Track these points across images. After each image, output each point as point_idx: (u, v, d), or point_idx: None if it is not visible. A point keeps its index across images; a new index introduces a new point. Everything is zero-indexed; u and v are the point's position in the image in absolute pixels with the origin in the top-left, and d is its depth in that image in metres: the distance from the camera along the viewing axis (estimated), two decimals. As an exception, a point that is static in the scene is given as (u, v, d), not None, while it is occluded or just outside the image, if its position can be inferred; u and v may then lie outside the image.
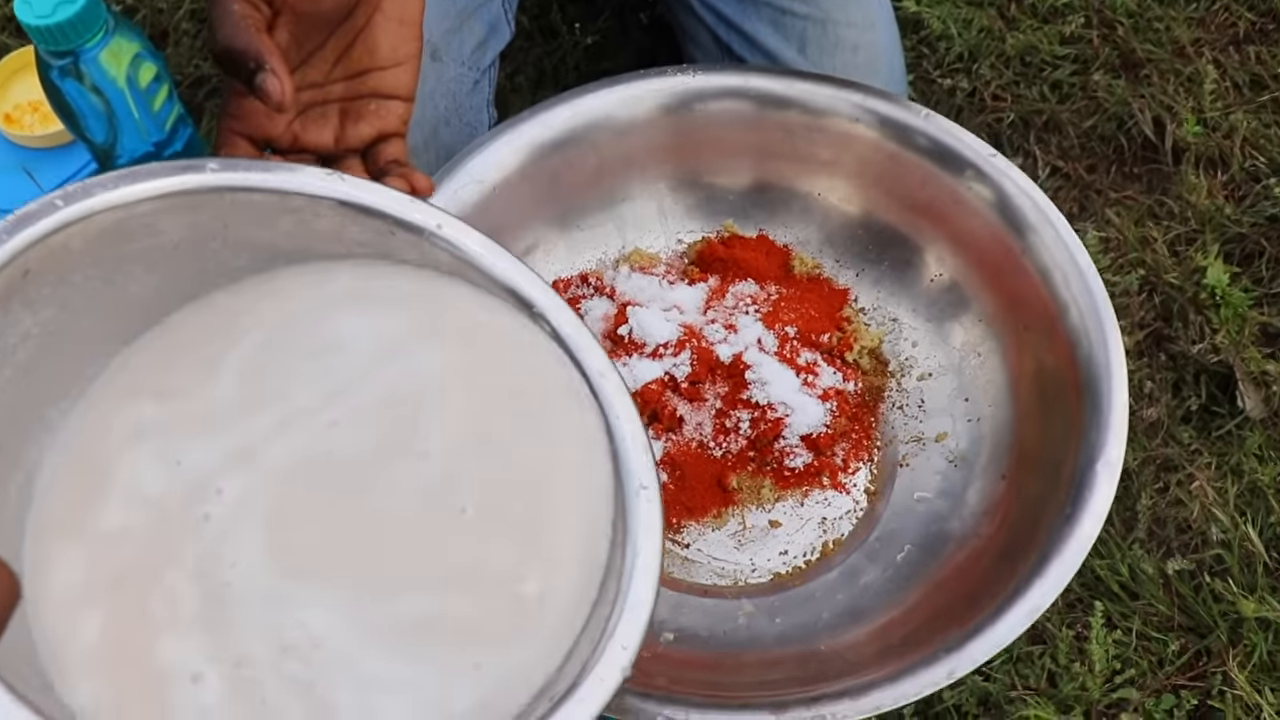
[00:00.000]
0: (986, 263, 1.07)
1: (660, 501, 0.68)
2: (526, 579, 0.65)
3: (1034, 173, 1.47)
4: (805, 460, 1.05)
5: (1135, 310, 1.38)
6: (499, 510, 0.67)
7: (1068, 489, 0.94)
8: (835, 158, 1.11)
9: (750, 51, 1.27)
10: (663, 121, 1.11)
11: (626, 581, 0.65)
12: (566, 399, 0.70)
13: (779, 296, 1.10)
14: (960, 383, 1.08)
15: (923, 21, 1.54)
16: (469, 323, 0.71)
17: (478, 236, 0.70)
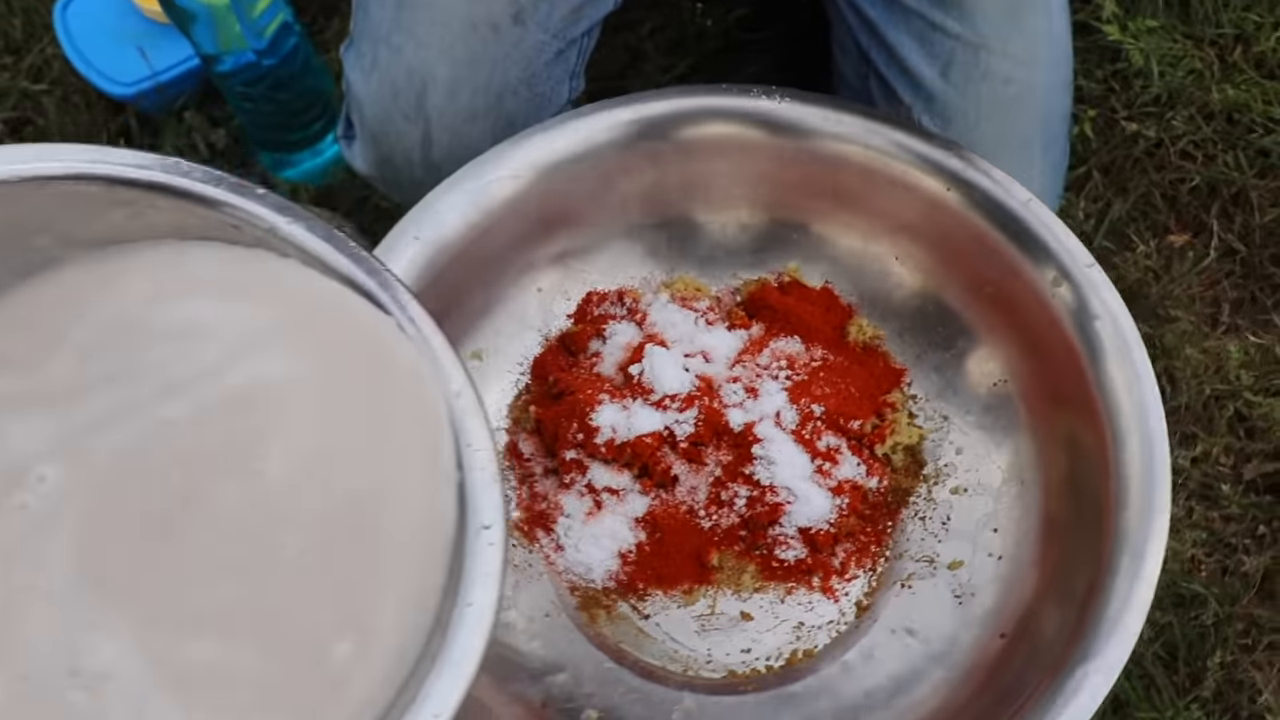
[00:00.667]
0: (1051, 383, 0.93)
1: (504, 545, 0.60)
2: (340, 639, 0.58)
3: (1204, 250, 1.29)
4: (798, 555, 0.94)
5: (1272, 430, 1.20)
6: (324, 554, 0.60)
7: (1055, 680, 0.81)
8: (919, 222, 0.98)
9: (889, 66, 1.13)
10: (760, 143, 0.99)
11: (450, 636, 0.58)
12: (421, 424, 0.62)
13: (820, 365, 0.98)
14: (995, 509, 0.96)
15: (1122, 53, 1.35)
16: (336, 328, 0.64)
17: (327, 237, 0.62)
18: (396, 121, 1.04)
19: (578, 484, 0.96)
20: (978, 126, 1.09)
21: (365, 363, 0.63)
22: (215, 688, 0.57)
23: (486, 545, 0.59)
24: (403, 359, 0.63)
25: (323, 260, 0.63)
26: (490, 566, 0.59)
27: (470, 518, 0.60)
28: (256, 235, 0.62)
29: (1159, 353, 1.26)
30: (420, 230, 0.94)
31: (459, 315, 0.98)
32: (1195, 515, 1.21)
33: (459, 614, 0.58)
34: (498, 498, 0.61)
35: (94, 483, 0.59)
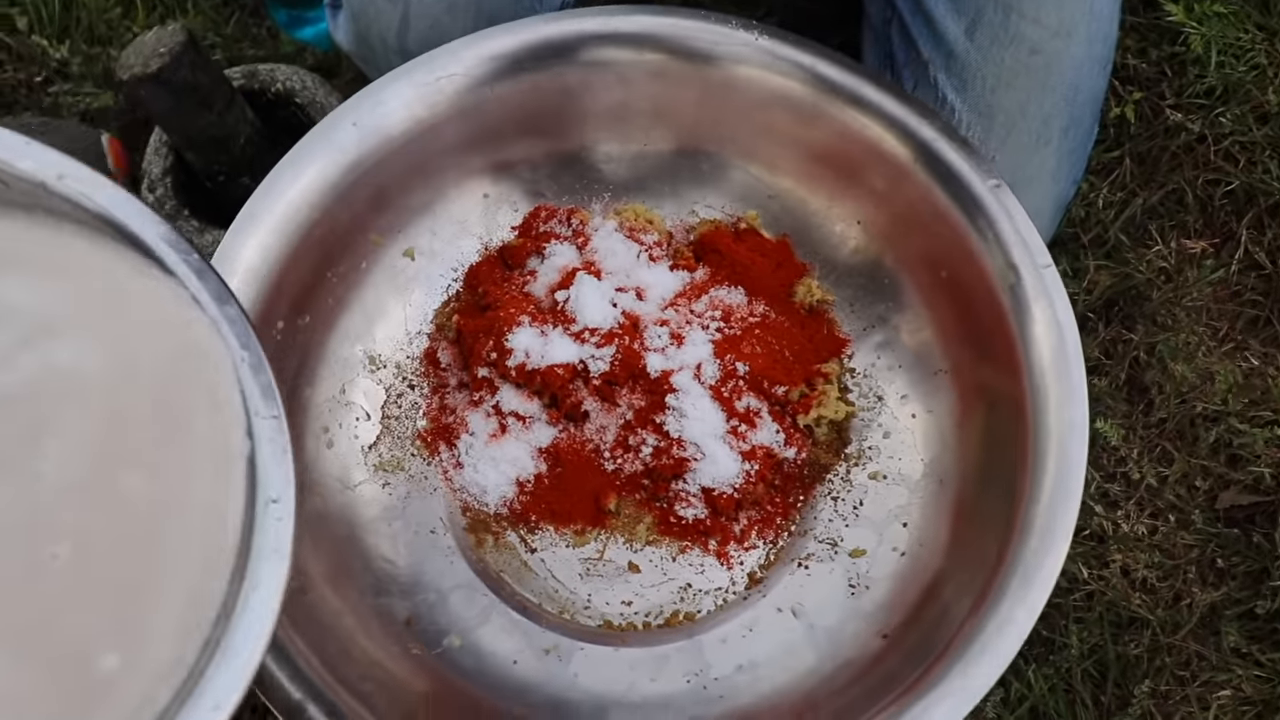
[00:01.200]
0: (989, 384, 0.87)
1: (294, 520, 0.57)
2: (108, 650, 0.55)
3: (1227, 261, 1.21)
4: (698, 514, 0.91)
5: (1253, 462, 1.13)
6: (97, 563, 0.56)
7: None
8: (885, 189, 0.92)
9: (914, 14, 1.06)
10: (738, 82, 0.94)
11: (233, 623, 0.55)
12: (208, 408, 0.59)
13: (758, 321, 0.93)
14: (909, 503, 0.91)
15: (1182, 36, 1.26)
16: (125, 305, 0.59)
17: (109, 190, 0.58)
18: (377, 1, 0.99)
19: (486, 403, 0.93)
20: (995, 93, 1.02)
21: (154, 342, 0.59)
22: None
23: (275, 520, 0.57)
24: (191, 334, 0.59)
25: (100, 219, 0.58)
26: (279, 542, 0.56)
27: (260, 490, 0.57)
28: (27, 192, 0.58)
29: (1151, 360, 1.19)
30: (359, 117, 0.90)
31: (396, 209, 0.95)
32: (1157, 535, 1.15)
33: (244, 598, 0.55)
34: (287, 469, 0.58)
35: None
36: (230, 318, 0.58)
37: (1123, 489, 1.15)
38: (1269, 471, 1.13)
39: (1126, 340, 1.19)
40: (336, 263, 0.92)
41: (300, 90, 1.21)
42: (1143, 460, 1.16)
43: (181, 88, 1.04)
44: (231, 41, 1.32)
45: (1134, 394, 1.19)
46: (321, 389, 0.92)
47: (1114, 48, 1.05)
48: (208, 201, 1.21)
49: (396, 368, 0.95)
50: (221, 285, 0.59)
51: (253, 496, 0.57)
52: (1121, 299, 1.20)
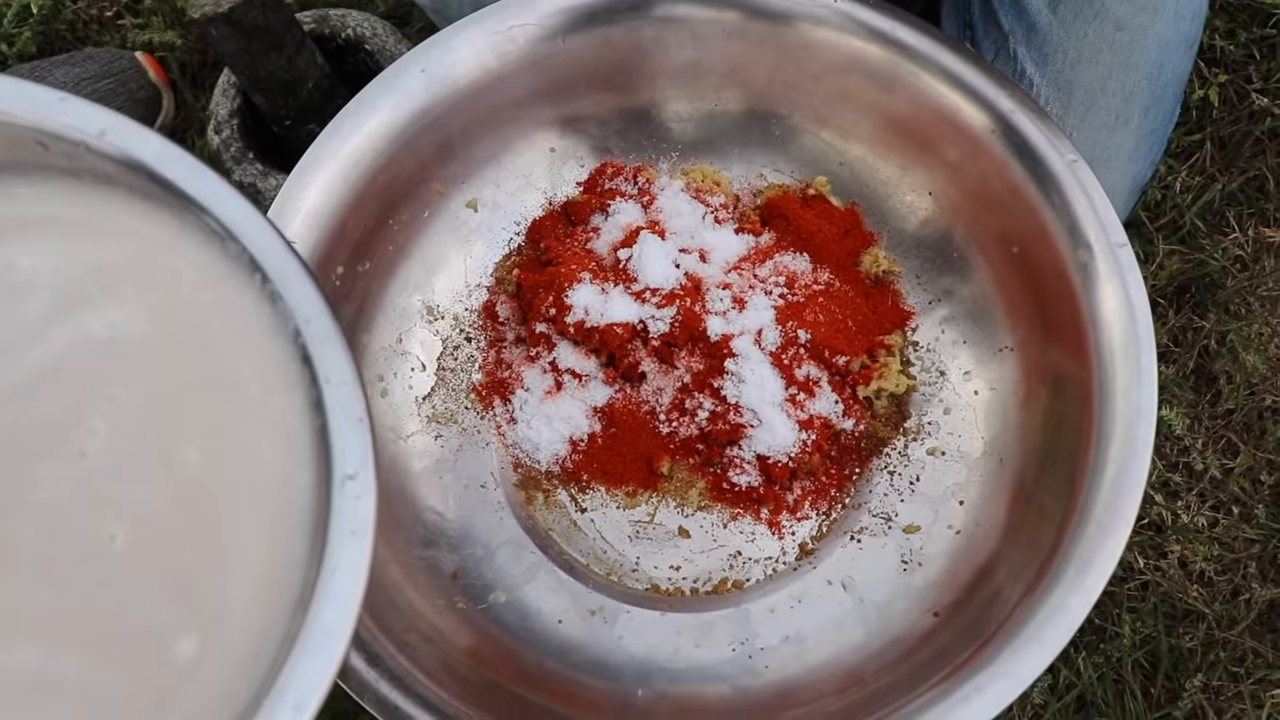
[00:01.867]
0: (1055, 362, 0.85)
1: (374, 495, 0.52)
2: (181, 636, 0.51)
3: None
4: (751, 481, 0.89)
5: None
6: (158, 543, 0.53)
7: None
8: (959, 160, 0.90)
9: (996, -19, 1.03)
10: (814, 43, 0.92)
11: (313, 613, 0.50)
12: (268, 386, 0.55)
13: (823, 290, 0.92)
14: (967, 481, 0.89)
15: (1274, 19, 1.22)
16: (167, 270, 0.56)
17: (155, 145, 0.54)
18: None
19: (542, 359, 0.92)
20: (1076, 68, 0.99)
21: (199, 309, 0.55)
22: (34, 700, 0.50)
23: (353, 499, 0.51)
24: (249, 311, 0.55)
25: (149, 178, 0.54)
26: (358, 523, 0.51)
27: (335, 466, 0.52)
28: (67, 152, 0.54)
29: (1221, 349, 1.16)
30: (428, 64, 0.89)
31: (461, 159, 0.94)
32: (1218, 528, 1.12)
33: (323, 583, 0.50)
34: (365, 440, 0.52)
35: None
36: (295, 281, 0.54)
37: (1185, 479, 1.13)
38: (1338, 468, 1.11)
39: (1197, 328, 1.17)
40: (399, 210, 0.91)
41: (370, 37, 1.20)
42: (1207, 451, 1.13)
43: (252, 29, 1.04)
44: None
45: (1201, 383, 1.16)
46: (378, 337, 0.91)
47: (1202, 27, 1.02)
48: (274, 145, 1.20)
49: (454, 319, 0.94)
50: (285, 245, 0.55)
51: (328, 472, 0.52)
52: (1194, 285, 1.18)
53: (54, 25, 1.29)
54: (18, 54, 1.27)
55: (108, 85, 1.24)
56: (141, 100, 1.25)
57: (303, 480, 0.54)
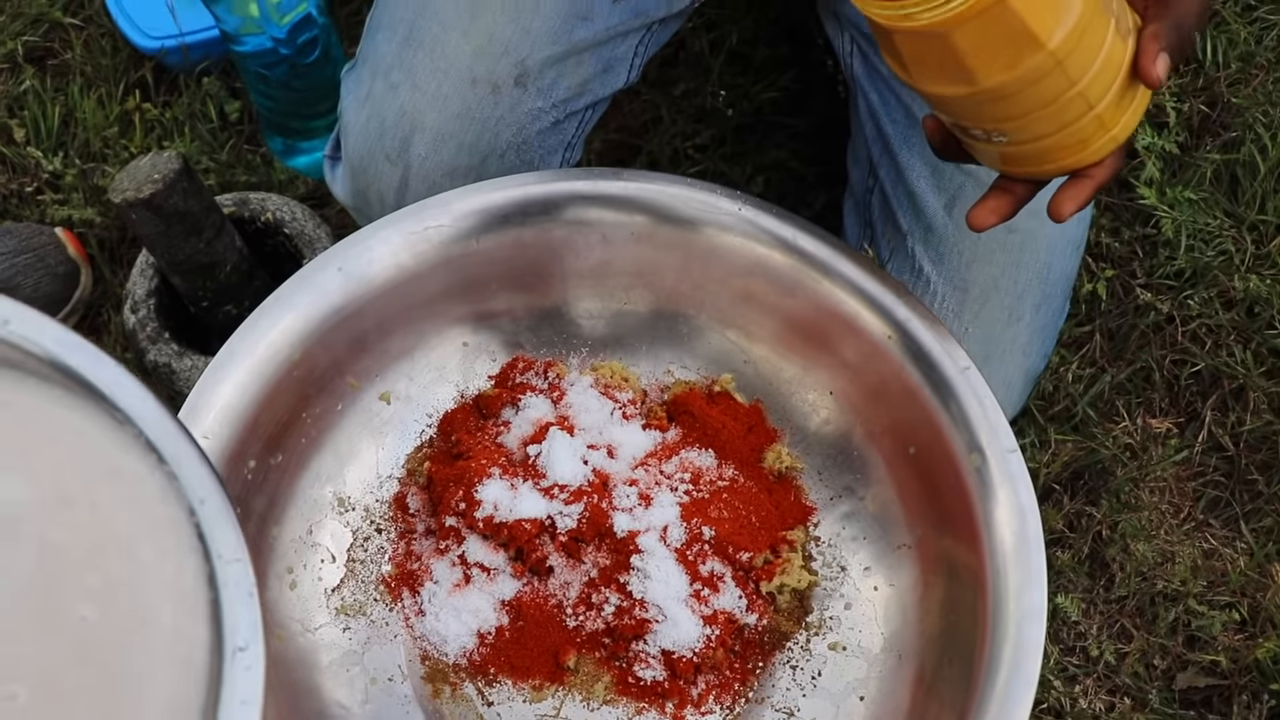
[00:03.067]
0: (951, 561, 0.88)
1: (263, 667, 0.54)
2: None
3: (1191, 442, 1.22)
4: (657, 676, 0.90)
5: (1211, 644, 1.14)
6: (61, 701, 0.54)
7: None
8: (859, 363, 0.93)
9: (895, 186, 1.08)
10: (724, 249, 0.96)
11: None
12: (160, 547, 0.56)
13: (726, 485, 0.94)
14: (867, 676, 0.91)
15: (1154, 219, 1.29)
16: (56, 446, 0.58)
17: (55, 334, 0.56)
18: (378, 160, 1.01)
19: (452, 552, 0.93)
20: (970, 268, 1.04)
21: (97, 485, 0.57)
22: None
23: (243, 669, 0.53)
24: (141, 479, 0.57)
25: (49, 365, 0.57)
26: (248, 693, 0.53)
27: (226, 638, 0.54)
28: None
29: (1114, 536, 1.20)
30: (345, 262, 0.91)
31: (376, 354, 0.96)
32: (1114, 713, 1.15)
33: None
34: (254, 615, 0.55)
35: None
36: (189, 463, 0.56)
37: (1081, 664, 1.16)
38: (1225, 655, 1.14)
39: (1089, 515, 1.21)
40: (312, 404, 0.92)
41: (290, 221, 1.23)
42: (1102, 636, 1.16)
43: (172, 214, 1.06)
44: (225, 167, 1.34)
45: (1095, 569, 1.20)
46: (289, 529, 0.92)
47: (1088, 228, 1.07)
48: (190, 324, 1.22)
49: (365, 511, 0.96)
50: (181, 430, 0.57)
51: (219, 644, 0.54)
52: (1087, 472, 1.22)
53: (-28, 201, 1.30)
54: (-65, 230, 1.28)
55: (26, 259, 1.25)
56: (60, 275, 1.26)
57: (199, 634, 0.55)
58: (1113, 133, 0.74)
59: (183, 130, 1.36)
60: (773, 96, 1.37)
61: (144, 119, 1.36)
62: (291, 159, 1.38)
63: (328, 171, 1.13)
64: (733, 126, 1.36)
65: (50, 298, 1.25)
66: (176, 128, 1.36)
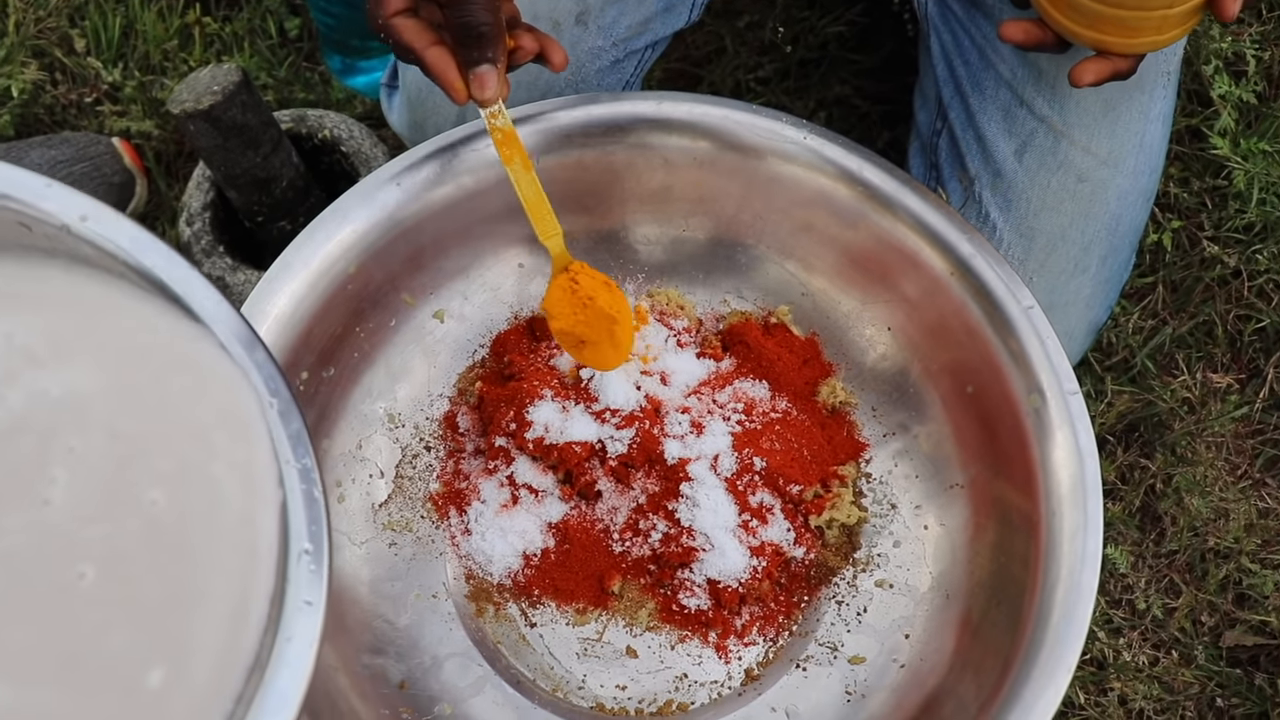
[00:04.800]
0: (1005, 503, 0.87)
1: (328, 571, 0.55)
2: (151, 666, 0.52)
3: (1252, 398, 1.20)
4: (701, 605, 0.90)
5: (1262, 603, 1.12)
6: (128, 578, 0.54)
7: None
8: (919, 299, 0.92)
9: (965, 129, 1.06)
10: (788, 179, 0.94)
11: (269, 677, 0.52)
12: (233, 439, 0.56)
13: (779, 418, 0.93)
14: (913, 615, 0.90)
15: (1226, 170, 1.26)
16: (133, 339, 0.58)
17: (131, 232, 0.56)
18: (436, 93, 1.00)
19: (500, 473, 0.93)
20: (1038, 216, 1.02)
21: (166, 375, 0.57)
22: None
23: (308, 571, 0.54)
24: (212, 371, 0.57)
25: (123, 263, 0.57)
26: (313, 594, 0.54)
27: (291, 540, 0.54)
28: (50, 235, 0.56)
29: (1167, 490, 1.18)
30: (404, 178, 0.91)
31: (431, 271, 0.95)
32: (1158, 667, 1.14)
33: (279, 649, 0.52)
34: (320, 518, 0.55)
35: None
36: (258, 363, 0.57)
37: (1127, 617, 1.14)
38: (1276, 615, 1.12)
39: (1143, 467, 1.19)
40: (366, 319, 0.92)
41: (347, 139, 1.22)
42: (1150, 590, 1.15)
43: (230, 127, 1.05)
44: (284, 84, 1.33)
45: (1146, 522, 1.18)
46: (338, 443, 0.92)
47: (1159, 181, 1.05)
48: (244, 240, 1.21)
49: (415, 428, 0.95)
50: (249, 331, 0.57)
51: (284, 546, 0.55)
52: (1143, 425, 1.20)
53: (33, 109, 1.30)
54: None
55: (82, 168, 1.25)
56: (115, 185, 1.26)
57: (268, 523, 0.55)
58: (1158, 39, 0.83)
59: (242, 45, 1.35)
60: (838, 31, 1.34)
61: (204, 33, 1.36)
62: (349, 78, 1.37)
63: (384, 100, 1.11)
64: (796, 61, 1.34)
65: (106, 208, 1.25)
66: (236, 43, 1.35)
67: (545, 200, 0.83)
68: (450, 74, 0.78)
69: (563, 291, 0.86)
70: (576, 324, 0.86)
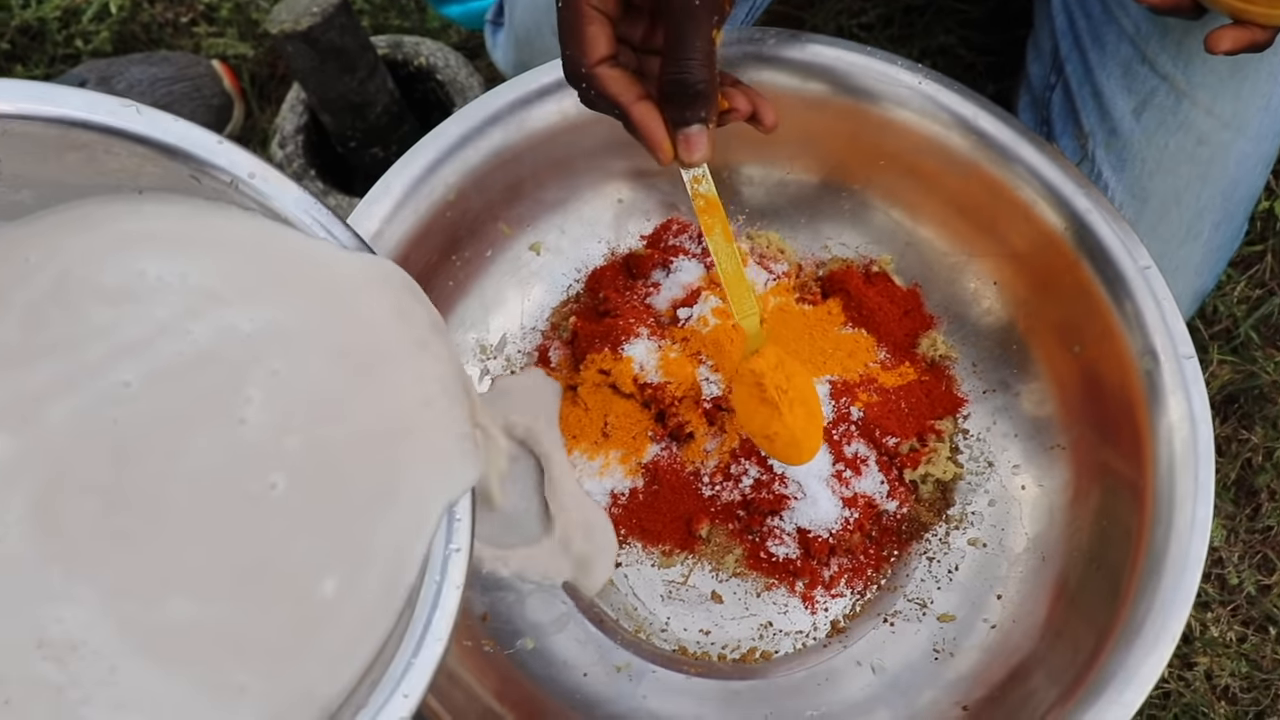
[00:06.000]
0: (1111, 467, 0.84)
1: (471, 518, 0.56)
2: (327, 574, 0.55)
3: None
4: (789, 553, 0.89)
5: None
6: (322, 485, 0.56)
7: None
8: (1029, 253, 0.90)
9: (1081, 84, 1.03)
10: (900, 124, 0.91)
11: (424, 612, 0.54)
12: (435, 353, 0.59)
13: (878, 367, 0.91)
14: (1007, 575, 0.88)
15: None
16: (299, 274, 0.59)
17: (295, 192, 0.58)
18: (545, 33, 0.98)
19: (591, 411, 0.91)
20: (1153, 178, 0.99)
21: (348, 311, 0.59)
22: (192, 644, 0.54)
23: (455, 520, 0.56)
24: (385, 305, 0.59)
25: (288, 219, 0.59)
26: (460, 541, 0.56)
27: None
28: (217, 188, 0.58)
29: (1266, 464, 1.15)
30: (507, 105, 0.89)
31: (529, 202, 0.94)
32: (1247, 644, 1.11)
33: (426, 590, 0.54)
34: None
35: (48, 452, 0.55)
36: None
37: (1218, 591, 1.12)
38: (1374, 598, 1.09)
39: (1242, 440, 1.16)
40: (463, 247, 0.91)
41: (443, 67, 1.20)
42: (1243, 565, 1.12)
43: (328, 49, 1.04)
44: (379, 9, 1.32)
45: (1242, 496, 1.15)
46: (430, 371, 0.91)
47: (1279, 147, 1.01)
48: (336, 165, 1.21)
49: (507, 360, 0.94)
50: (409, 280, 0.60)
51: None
52: (1243, 396, 1.17)
53: (130, 26, 1.29)
54: (93, 51, 1.28)
55: (183, 88, 1.24)
56: (214, 107, 1.25)
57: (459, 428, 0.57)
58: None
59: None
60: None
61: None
62: (445, 6, 1.35)
63: (488, 37, 1.09)
64: (901, 7, 1.31)
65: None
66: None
67: (744, 277, 0.78)
68: (659, 133, 0.72)
69: (747, 389, 0.83)
70: (760, 421, 0.83)
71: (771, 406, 0.81)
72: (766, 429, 0.82)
